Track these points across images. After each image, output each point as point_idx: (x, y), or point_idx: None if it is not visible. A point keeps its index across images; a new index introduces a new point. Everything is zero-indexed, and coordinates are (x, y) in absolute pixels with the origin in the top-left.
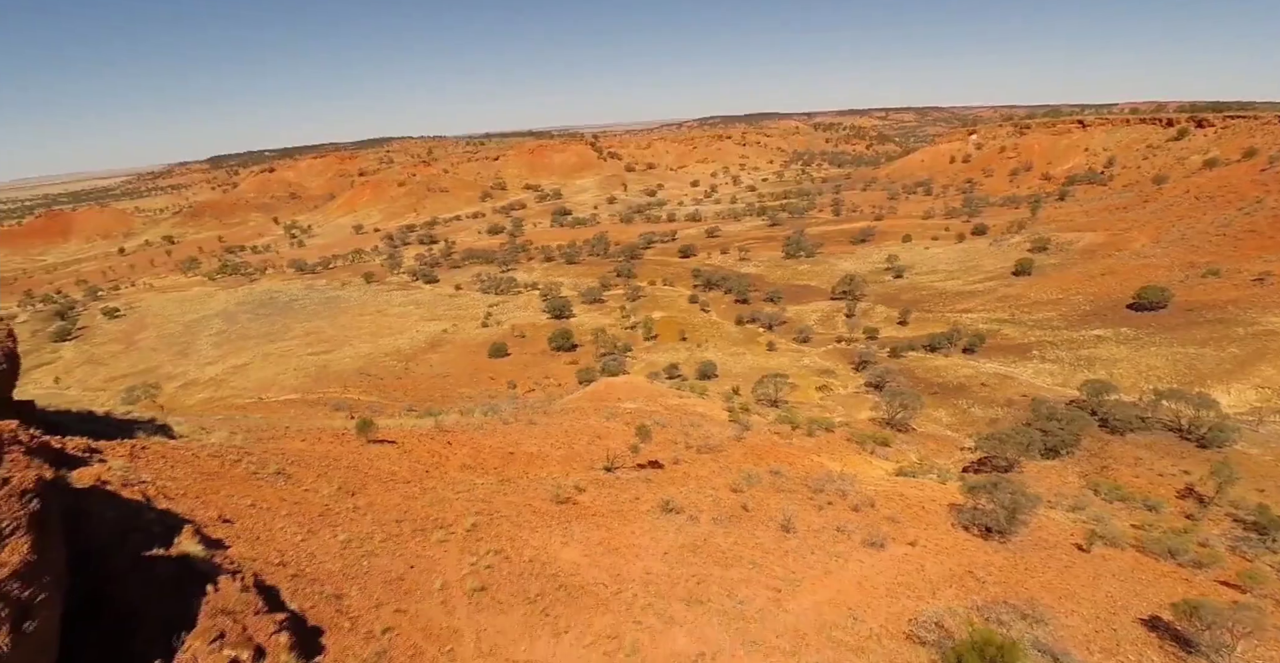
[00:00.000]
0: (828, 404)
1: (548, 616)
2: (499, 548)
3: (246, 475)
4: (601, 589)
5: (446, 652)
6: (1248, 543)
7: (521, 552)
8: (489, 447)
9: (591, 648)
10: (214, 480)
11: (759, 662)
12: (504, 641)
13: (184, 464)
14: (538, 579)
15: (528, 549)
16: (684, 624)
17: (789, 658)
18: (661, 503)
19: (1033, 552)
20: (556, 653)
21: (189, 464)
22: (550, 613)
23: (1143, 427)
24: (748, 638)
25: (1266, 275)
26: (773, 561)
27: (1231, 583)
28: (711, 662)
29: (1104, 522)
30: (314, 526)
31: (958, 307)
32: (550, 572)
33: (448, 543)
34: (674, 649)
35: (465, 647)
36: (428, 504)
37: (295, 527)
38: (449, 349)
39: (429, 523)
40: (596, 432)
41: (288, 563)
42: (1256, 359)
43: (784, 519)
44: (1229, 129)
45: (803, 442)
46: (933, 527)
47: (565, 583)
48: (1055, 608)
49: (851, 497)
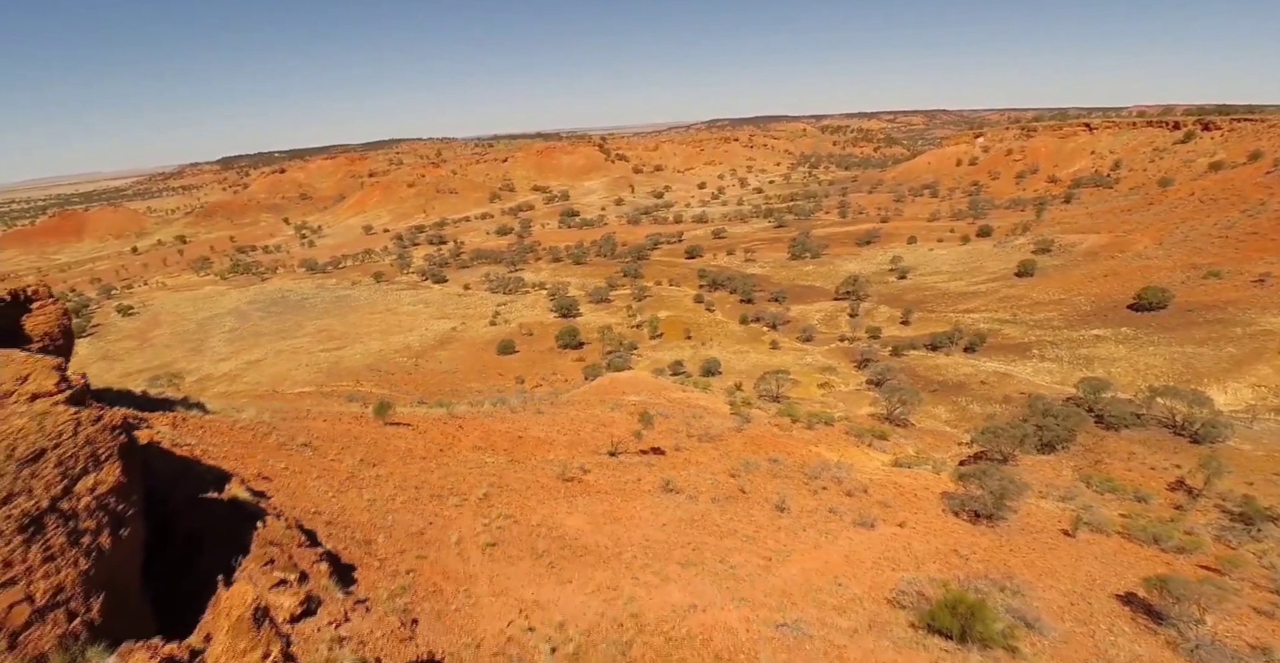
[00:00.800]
0: (829, 401)
1: (553, 568)
2: (509, 513)
3: (277, 446)
4: (603, 550)
5: (463, 590)
6: (1232, 532)
7: (529, 517)
8: (498, 431)
9: (593, 596)
10: (249, 448)
11: (746, 614)
12: (513, 585)
13: (221, 434)
14: (544, 539)
15: (535, 516)
16: (678, 582)
17: (775, 613)
18: (662, 483)
19: (1019, 535)
20: (561, 598)
21: (225, 434)
22: (555, 566)
23: (1138, 423)
24: (737, 595)
25: (1267, 276)
26: (765, 535)
27: (1212, 567)
28: (703, 613)
29: (1091, 510)
30: (342, 487)
31: (960, 307)
32: (556, 534)
33: (462, 507)
34: (668, 601)
35: (479, 587)
36: (442, 476)
37: (325, 487)
38: (458, 346)
39: (444, 491)
40: (601, 420)
41: (321, 513)
42: (1253, 359)
43: (779, 500)
44: (1235, 132)
45: (802, 434)
46: (923, 512)
47: (569, 544)
48: (1034, 583)
49: (846, 483)
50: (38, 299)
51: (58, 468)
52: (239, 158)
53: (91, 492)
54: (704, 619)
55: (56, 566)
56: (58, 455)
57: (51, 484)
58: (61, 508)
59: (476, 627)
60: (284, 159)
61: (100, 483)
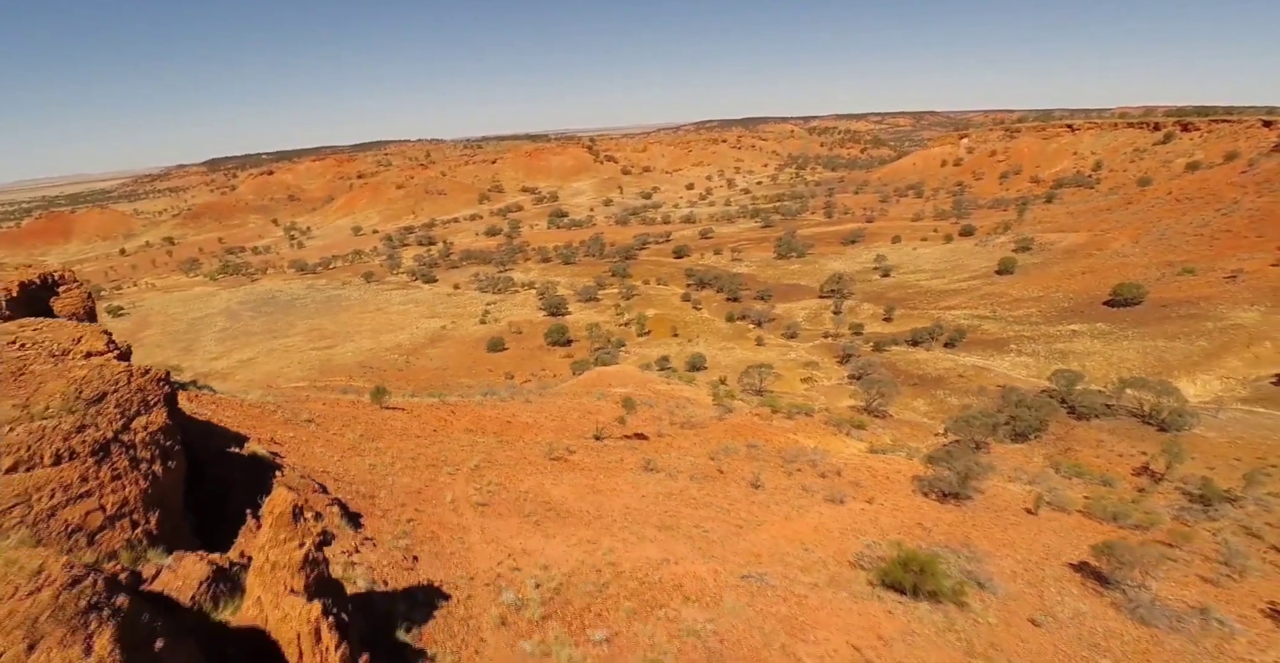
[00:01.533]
0: (811, 394)
1: (539, 526)
2: (499, 482)
3: (284, 420)
4: (585, 514)
5: (457, 537)
6: (1190, 512)
7: (517, 486)
8: (488, 417)
9: (574, 548)
10: (259, 420)
11: (715, 568)
12: (503, 536)
13: (232, 408)
14: (531, 503)
15: (523, 485)
16: (654, 541)
17: (742, 568)
18: (643, 463)
19: (983, 513)
20: (545, 548)
21: (236, 409)
22: (541, 524)
23: (1108, 413)
24: (708, 554)
25: (1239, 273)
26: (739, 507)
27: (1165, 542)
28: (675, 565)
29: (1055, 491)
30: (345, 454)
31: (941, 304)
32: (542, 500)
33: (455, 475)
34: (644, 555)
35: (471, 536)
36: (437, 451)
37: (331, 453)
38: (448, 344)
39: (439, 461)
40: (587, 409)
41: (329, 472)
42: (1223, 352)
43: (754, 479)
44: (1213, 133)
45: (782, 423)
46: (893, 492)
47: (554, 508)
48: (992, 552)
49: (821, 466)
50: (64, 283)
51: (117, 408)
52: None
53: (145, 428)
54: (675, 570)
55: (121, 483)
56: (116, 399)
57: (113, 420)
58: (122, 440)
59: (470, 565)
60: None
61: (151, 423)
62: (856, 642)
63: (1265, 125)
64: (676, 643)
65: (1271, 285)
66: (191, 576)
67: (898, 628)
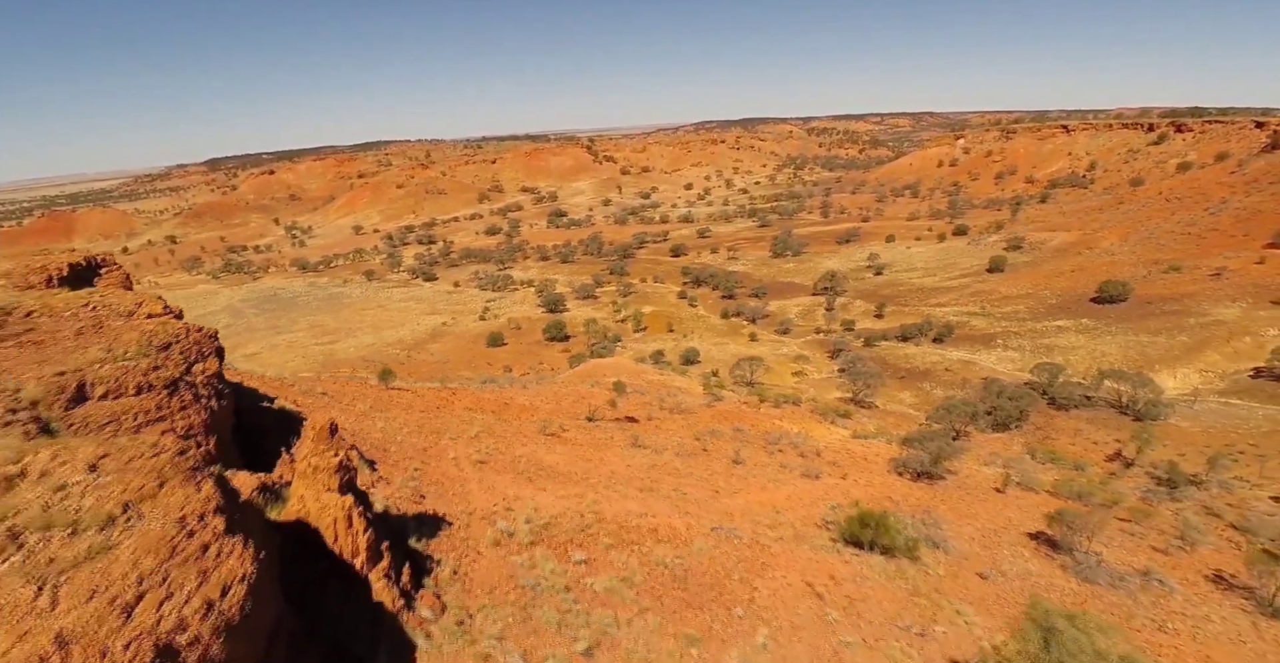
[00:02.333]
0: (801, 387)
1: (531, 481)
2: (496, 447)
3: (301, 392)
4: (574, 475)
5: (458, 485)
6: (1155, 494)
7: (513, 451)
8: (487, 398)
9: (563, 498)
10: (279, 390)
11: (689, 522)
12: (499, 486)
13: (254, 381)
14: (525, 464)
15: (518, 451)
16: (635, 499)
17: (713, 522)
18: (631, 439)
19: (954, 491)
20: (537, 497)
21: (257, 381)
22: (533, 480)
23: (1087, 404)
24: (684, 511)
25: (1223, 270)
26: (718, 478)
27: (1126, 519)
28: (653, 517)
29: (1025, 472)
30: (359, 419)
31: (932, 301)
32: (535, 462)
33: (457, 440)
34: (625, 508)
35: (471, 485)
36: (440, 422)
37: (347, 416)
38: (448, 339)
39: (442, 430)
40: (581, 394)
41: (346, 429)
42: (1203, 346)
43: (735, 456)
44: (1206, 134)
45: (769, 411)
46: (869, 471)
47: (546, 469)
48: (954, 521)
49: (802, 448)
50: (106, 265)
51: (180, 354)
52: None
53: (203, 372)
54: (652, 520)
55: (187, 413)
56: (179, 347)
57: (178, 364)
58: (186, 379)
59: (469, 504)
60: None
61: (207, 368)
62: (810, 580)
63: (1257, 126)
64: (646, 569)
65: (1254, 282)
66: (246, 485)
67: (850, 572)
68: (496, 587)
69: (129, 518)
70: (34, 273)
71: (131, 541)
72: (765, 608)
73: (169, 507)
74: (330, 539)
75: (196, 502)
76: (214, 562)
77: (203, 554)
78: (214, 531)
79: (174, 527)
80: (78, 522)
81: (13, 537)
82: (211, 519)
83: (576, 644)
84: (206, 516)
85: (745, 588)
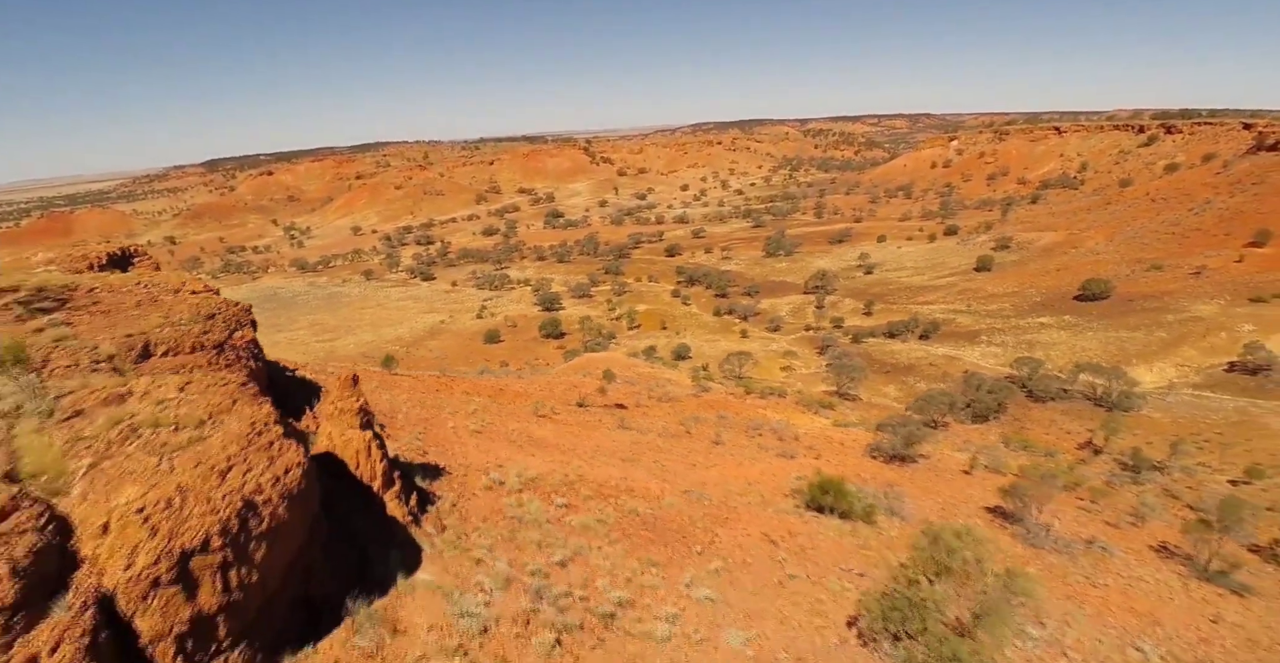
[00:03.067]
0: (789, 381)
1: (522, 449)
2: (491, 422)
3: (311, 371)
4: (562, 447)
5: (456, 447)
6: (1119, 478)
7: (507, 426)
8: (483, 385)
9: (550, 462)
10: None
11: (664, 486)
12: (493, 451)
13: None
14: (517, 435)
15: (511, 426)
16: (617, 467)
17: (687, 488)
18: (618, 422)
19: (923, 472)
20: (527, 460)
21: (276, 357)
22: (524, 448)
23: (1064, 396)
24: (661, 479)
25: (1203, 269)
26: (697, 455)
27: (1088, 498)
28: (631, 481)
29: (996, 458)
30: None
31: (920, 299)
32: (526, 435)
33: (456, 415)
34: (606, 473)
35: (468, 448)
36: (440, 401)
37: None
38: (446, 337)
39: (442, 406)
40: (573, 383)
41: None
42: (1179, 342)
43: (716, 437)
44: (1195, 135)
45: (754, 402)
46: (844, 455)
47: (536, 440)
48: (917, 497)
49: (781, 433)
50: (138, 255)
51: (224, 323)
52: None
53: (242, 338)
54: (630, 483)
55: (233, 369)
56: (222, 317)
57: (222, 330)
58: (229, 343)
59: (467, 460)
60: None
61: (245, 335)
62: (768, 533)
63: (1245, 128)
64: (619, 514)
65: (1233, 280)
66: None
67: (806, 529)
68: (488, 518)
69: (214, 422)
70: (77, 261)
71: (219, 435)
72: (723, 549)
73: (241, 416)
74: (353, 466)
75: (261, 414)
76: (277, 452)
77: (269, 447)
78: (275, 433)
79: (247, 427)
80: (178, 422)
81: (132, 429)
82: (273, 426)
83: (553, 557)
84: (269, 423)
85: (707, 534)
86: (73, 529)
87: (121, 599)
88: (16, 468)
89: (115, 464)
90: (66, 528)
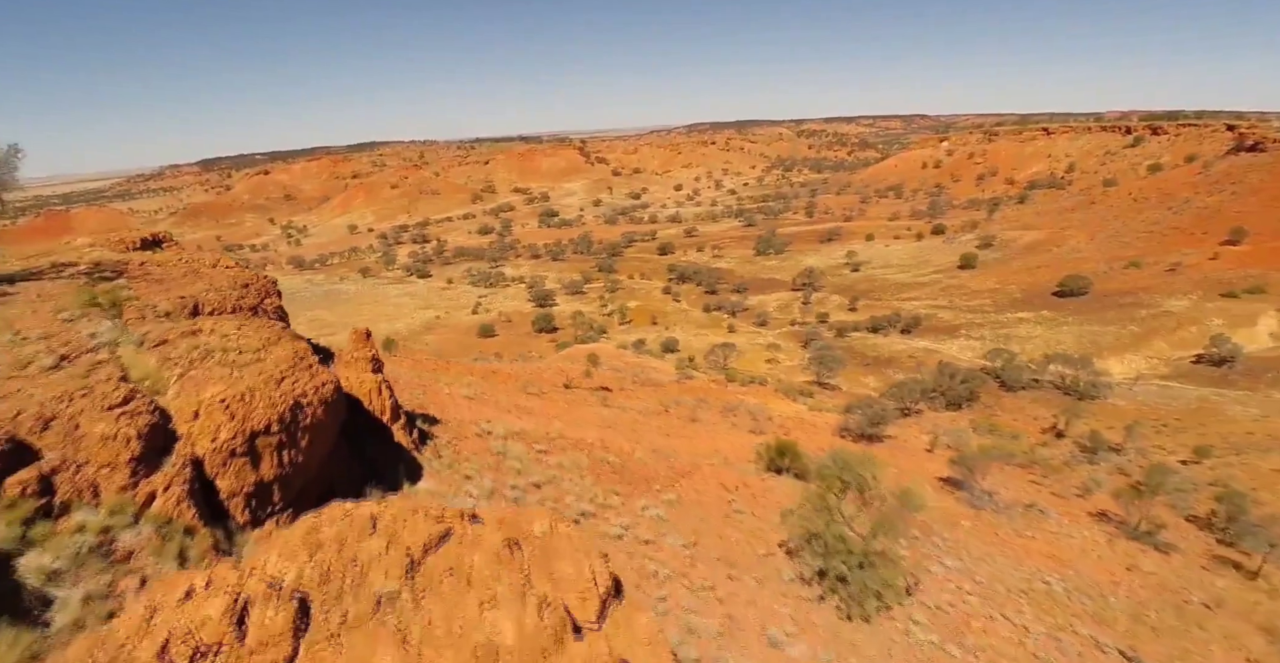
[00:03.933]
0: (773, 373)
1: (510, 414)
2: (483, 392)
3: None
4: (548, 413)
5: (450, 409)
6: (1076, 459)
7: (498, 396)
8: (476, 369)
9: (534, 424)
10: None
11: (636, 447)
12: (483, 413)
13: None
14: (506, 405)
15: (501, 397)
16: (595, 432)
17: (657, 446)
18: (602, 400)
19: (887, 449)
20: (514, 421)
21: None
22: (511, 413)
23: (1035, 386)
24: (634, 441)
25: (1178, 266)
26: (674, 429)
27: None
28: (605, 442)
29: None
30: None
31: (904, 295)
32: (515, 404)
33: (451, 388)
34: (584, 434)
35: (462, 408)
36: (436, 377)
37: None
38: (442, 331)
39: (438, 380)
40: (561, 369)
41: None
42: (1151, 335)
43: (692, 415)
44: (1180, 137)
45: (735, 389)
46: (815, 434)
47: (524, 409)
48: None
49: (757, 415)
50: (166, 240)
51: (256, 291)
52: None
53: (272, 304)
54: (606, 442)
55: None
56: (255, 287)
57: (256, 296)
58: (262, 307)
59: (460, 417)
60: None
61: (274, 302)
62: (725, 484)
63: (1229, 129)
64: (592, 461)
65: (1206, 277)
66: None
67: (761, 485)
68: (478, 453)
69: (266, 350)
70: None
71: (272, 357)
72: (681, 491)
73: (286, 347)
74: (367, 403)
75: (301, 347)
76: (315, 372)
77: (310, 368)
78: (313, 360)
79: (292, 354)
80: (240, 348)
81: (207, 352)
82: (310, 355)
83: (530, 479)
84: (308, 354)
85: (670, 481)
86: (170, 417)
87: (208, 464)
88: (127, 375)
89: (200, 372)
90: (165, 415)
